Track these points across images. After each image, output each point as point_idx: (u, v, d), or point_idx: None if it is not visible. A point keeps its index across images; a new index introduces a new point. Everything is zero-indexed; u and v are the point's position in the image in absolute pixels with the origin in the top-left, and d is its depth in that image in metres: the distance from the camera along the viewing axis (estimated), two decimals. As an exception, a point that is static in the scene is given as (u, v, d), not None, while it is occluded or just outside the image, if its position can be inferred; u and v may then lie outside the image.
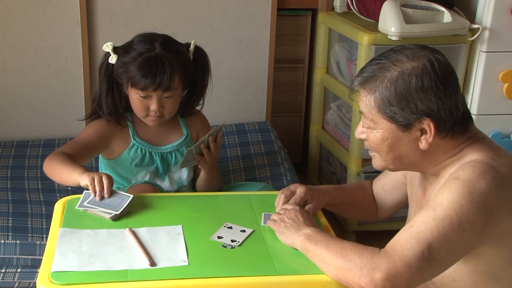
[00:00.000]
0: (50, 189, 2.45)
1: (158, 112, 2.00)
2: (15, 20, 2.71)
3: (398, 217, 2.77)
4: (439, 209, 1.43)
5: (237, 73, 3.00)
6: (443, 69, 1.51)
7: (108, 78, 2.03)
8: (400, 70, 1.50)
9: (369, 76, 1.54)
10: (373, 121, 1.55)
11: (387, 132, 1.54)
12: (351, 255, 1.44)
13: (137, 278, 1.47)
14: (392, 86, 1.49)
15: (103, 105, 2.05)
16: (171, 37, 2.06)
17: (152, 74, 1.94)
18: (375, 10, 2.65)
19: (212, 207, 1.84)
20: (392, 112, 1.51)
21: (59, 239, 1.60)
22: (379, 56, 1.57)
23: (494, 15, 2.57)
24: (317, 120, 3.12)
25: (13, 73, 2.77)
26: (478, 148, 1.54)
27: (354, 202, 1.90)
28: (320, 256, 1.50)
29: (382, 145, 1.56)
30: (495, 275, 1.54)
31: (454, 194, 1.44)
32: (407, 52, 1.53)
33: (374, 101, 1.52)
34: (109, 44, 2.01)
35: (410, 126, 1.51)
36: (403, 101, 1.49)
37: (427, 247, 1.40)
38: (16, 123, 2.84)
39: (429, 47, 1.56)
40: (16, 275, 2.06)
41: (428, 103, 1.49)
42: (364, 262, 1.42)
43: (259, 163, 2.69)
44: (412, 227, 1.45)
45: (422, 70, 1.49)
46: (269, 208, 1.82)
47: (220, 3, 2.88)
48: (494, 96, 2.67)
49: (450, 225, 1.42)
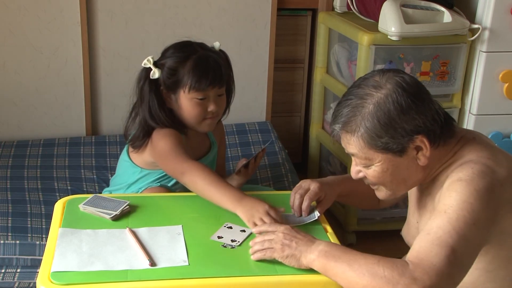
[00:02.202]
0: (50, 189, 2.45)
1: (215, 112, 1.99)
2: (15, 20, 2.71)
3: (399, 217, 2.79)
4: (451, 211, 1.43)
5: (237, 73, 2.99)
6: (412, 85, 1.51)
7: (155, 93, 1.98)
8: (374, 102, 1.49)
9: (347, 119, 1.52)
10: (368, 158, 1.54)
11: (386, 163, 1.53)
12: (380, 272, 1.37)
13: (137, 278, 1.47)
14: (374, 120, 1.49)
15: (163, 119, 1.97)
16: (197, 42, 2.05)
17: (207, 72, 1.94)
18: (375, 10, 2.65)
19: (212, 207, 1.83)
20: (384, 143, 1.50)
21: (59, 239, 1.60)
22: (346, 96, 1.55)
23: (494, 15, 2.57)
24: (317, 120, 3.13)
25: (13, 73, 2.77)
26: (471, 149, 1.55)
27: (359, 192, 1.89)
28: (344, 276, 1.41)
29: (385, 176, 1.56)
30: (494, 274, 1.54)
31: (462, 194, 1.44)
32: (370, 82, 1.52)
33: (363, 139, 1.51)
34: (150, 58, 1.97)
35: (405, 149, 1.51)
36: (390, 129, 1.49)
37: (451, 251, 1.38)
38: (16, 123, 2.84)
39: (387, 70, 1.56)
40: (16, 275, 2.06)
41: (414, 121, 1.49)
42: (397, 278, 1.35)
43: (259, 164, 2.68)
44: (429, 234, 1.42)
45: (395, 94, 1.48)
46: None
47: (220, 3, 2.88)
48: (494, 96, 2.67)
49: (466, 225, 1.41)
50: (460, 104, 2.72)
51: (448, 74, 2.66)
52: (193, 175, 1.83)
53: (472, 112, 2.70)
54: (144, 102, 1.99)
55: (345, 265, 1.42)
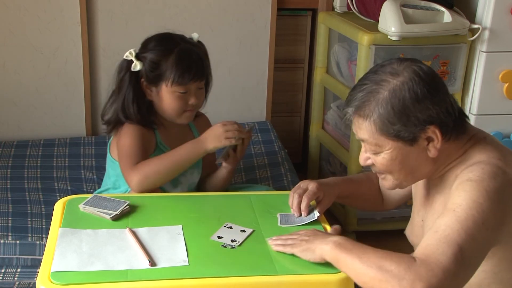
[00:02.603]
0: (50, 189, 2.45)
1: (195, 105, 2.03)
2: (15, 20, 2.71)
3: (399, 217, 2.79)
4: (460, 210, 1.42)
5: (237, 73, 3.00)
6: (429, 75, 1.50)
7: (134, 86, 2.02)
8: (390, 88, 1.49)
9: (361, 102, 1.52)
10: (378, 144, 1.53)
11: (395, 151, 1.53)
12: (387, 265, 1.38)
13: (137, 278, 1.47)
14: (388, 106, 1.48)
15: (132, 114, 2.02)
16: (176, 33, 2.07)
17: (190, 67, 1.97)
18: (375, 10, 2.65)
19: (212, 207, 1.84)
20: (396, 131, 1.49)
21: (59, 239, 1.60)
22: (361, 81, 1.55)
23: (494, 15, 2.57)
24: (317, 120, 3.13)
25: (13, 73, 2.77)
26: (482, 149, 1.54)
27: (361, 194, 1.89)
28: (353, 267, 1.43)
29: (393, 164, 1.55)
30: (500, 276, 1.53)
31: (472, 194, 1.43)
32: (387, 69, 1.52)
33: (375, 125, 1.51)
34: (132, 51, 2.00)
35: (417, 138, 1.50)
36: (404, 116, 1.48)
37: (458, 249, 1.37)
38: (16, 123, 2.84)
39: (405, 59, 1.56)
40: (16, 275, 2.06)
41: (428, 111, 1.48)
42: (403, 272, 1.36)
43: (259, 163, 2.69)
44: (437, 232, 1.42)
45: (411, 83, 1.48)
46: (269, 208, 1.82)
47: (220, 3, 2.88)
48: (494, 96, 2.67)
49: (474, 224, 1.40)
50: (460, 104, 2.71)
51: (448, 74, 2.66)
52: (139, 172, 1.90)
53: (472, 112, 2.70)
54: (121, 93, 2.03)
55: (355, 257, 1.44)
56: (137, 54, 2.01)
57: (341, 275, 1.51)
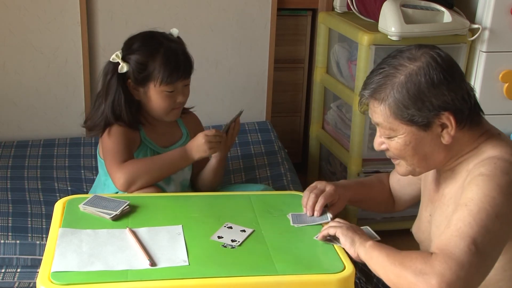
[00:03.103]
0: (50, 189, 2.45)
1: (183, 102, 2.05)
2: (15, 20, 2.71)
3: (398, 217, 2.78)
4: (472, 204, 1.42)
5: (237, 73, 3.00)
6: (446, 61, 1.51)
7: (122, 88, 2.02)
8: (406, 73, 1.50)
9: (377, 86, 1.53)
10: (392, 129, 1.54)
11: (409, 136, 1.53)
12: (407, 262, 1.41)
13: (137, 278, 1.47)
14: (403, 90, 1.49)
15: (124, 115, 2.03)
16: (158, 31, 2.08)
17: (178, 66, 1.98)
18: (375, 10, 2.65)
19: (212, 207, 1.84)
20: (410, 115, 1.50)
21: (59, 239, 1.60)
22: (379, 65, 1.56)
23: (494, 15, 2.57)
24: (317, 120, 3.13)
25: (13, 73, 2.77)
26: (495, 144, 1.54)
27: (373, 197, 1.90)
28: (382, 264, 1.47)
29: (406, 149, 1.55)
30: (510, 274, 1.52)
31: (484, 188, 1.43)
32: (406, 54, 1.53)
33: (389, 109, 1.51)
34: (118, 53, 2.01)
35: (431, 124, 1.51)
36: (418, 101, 1.49)
37: (471, 241, 1.38)
38: (16, 123, 2.84)
39: (424, 45, 1.56)
40: (16, 275, 2.06)
41: (443, 97, 1.48)
42: (419, 268, 1.38)
43: (259, 163, 2.69)
44: (449, 228, 1.42)
45: (428, 68, 1.49)
46: (269, 208, 1.82)
47: (220, 3, 2.88)
48: (494, 96, 2.67)
49: (488, 217, 1.40)
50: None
51: (448, 74, 2.66)
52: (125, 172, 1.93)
53: (472, 112, 2.70)
54: (109, 96, 2.03)
55: (384, 255, 1.48)
56: (123, 55, 2.02)
57: (341, 275, 1.51)
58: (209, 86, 2.95)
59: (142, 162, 1.98)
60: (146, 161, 1.99)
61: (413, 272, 1.38)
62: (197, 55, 2.13)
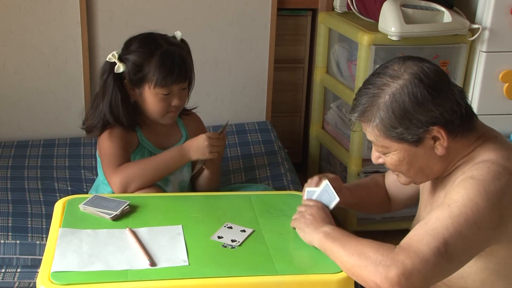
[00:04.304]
0: (50, 189, 2.45)
1: (178, 106, 2.04)
2: (15, 20, 2.71)
3: (399, 217, 2.79)
4: (455, 206, 1.43)
5: (237, 73, 3.00)
6: (430, 76, 1.50)
7: (119, 88, 2.02)
8: (390, 92, 1.49)
9: (364, 108, 1.53)
10: (384, 146, 1.55)
11: (402, 152, 1.54)
12: (366, 253, 1.44)
13: (137, 278, 1.47)
14: (389, 110, 1.49)
15: (121, 115, 2.03)
16: (159, 33, 2.07)
17: (173, 69, 1.97)
18: (375, 10, 2.65)
19: (212, 207, 1.84)
20: (399, 134, 1.50)
21: (59, 239, 1.60)
22: (365, 85, 1.56)
23: (494, 15, 2.57)
24: (317, 120, 3.13)
25: (13, 73, 2.77)
26: (491, 147, 1.54)
27: (370, 199, 1.91)
28: (337, 255, 1.50)
29: (401, 164, 1.56)
30: (504, 274, 1.53)
31: (470, 192, 1.44)
32: (388, 72, 1.52)
33: (378, 129, 1.52)
34: (115, 53, 2.01)
35: (421, 139, 1.51)
36: (405, 120, 1.49)
37: (443, 243, 1.39)
38: (16, 123, 2.84)
39: (408, 57, 1.55)
40: (16, 275, 2.06)
41: (430, 113, 1.48)
42: (380, 259, 1.41)
43: (259, 163, 2.69)
44: (427, 224, 1.44)
45: (411, 86, 1.48)
46: (269, 208, 1.82)
47: (220, 3, 2.88)
48: (494, 96, 2.67)
49: (466, 222, 1.41)
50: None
51: (448, 74, 2.65)
52: (121, 175, 1.93)
53: (472, 112, 2.70)
54: (106, 96, 2.03)
55: (339, 246, 1.51)
56: (120, 55, 2.01)
57: (341, 275, 1.51)
58: (209, 86, 2.95)
59: (137, 164, 1.98)
60: (141, 163, 1.98)
61: (373, 263, 1.41)
62: (197, 55, 2.13)
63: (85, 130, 2.13)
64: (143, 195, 1.90)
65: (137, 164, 1.97)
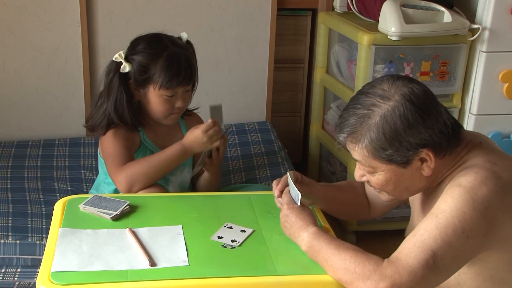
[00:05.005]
0: (50, 189, 2.45)
1: (181, 108, 2.04)
2: (15, 20, 2.71)
3: (399, 217, 2.79)
4: (442, 217, 1.43)
5: (237, 73, 3.00)
6: (420, 98, 1.49)
7: (124, 88, 2.03)
8: (380, 113, 1.48)
9: (352, 129, 1.52)
10: (371, 166, 1.54)
11: (389, 173, 1.53)
12: (352, 267, 1.44)
13: (137, 278, 1.47)
14: (379, 132, 1.48)
15: (126, 115, 2.03)
16: (166, 34, 2.07)
17: (178, 72, 1.97)
18: (375, 10, 2.65)
19: (212, 207, 1.84)
20: (388, 155, 1.50)
21: (59, 239, 1.60)
22: (352, 104, 1.54)
23: (494, 15, 2.57)
24: (317, 120, 3.12)
25: (13, 73, 2.77)
26: (478, 153, 1.53)
27: (345, 201, 1.89)
28: (324, 268, 1.51)
29: (387, 184, 1.56)
30: (499, 278, 1.53)
31: (457, 202, 1.43)
32: (378, 92, 1.50)
33: (367, 150, 1.51)
34: (121, 53, 2.01)
35: (410, 161, 1.50)
36: (396, 142, 1.48)
37: (431, 255, 1.40)
38: (16, 123, 2.84)
39: (397, 77, 1.53)
40: (16, 275, 2.06)
41: (420, 135, 1.48)
42: (367, 273, 1.41)
43: (259, 163, 2.69)
44: (415, 236, 1.44)
45: (402, 108, 1.47)
46: (269, 208, 1.82)
47: (220, 3, 2.88)
48: (494, 96, 2.67)
49: (454, 232, 1.41)
50: (460, 104, 2.72)
51: (448, 74, 2.66)
52: (126, 173, 1.94)
53: (472, 112, 2.70)
54: (111, 95, 2.03)
55: (323, 260, 1.51)
56: (126, 55, 2.02)
57: (341, 275, 1.51)
58: (209, 86, 2.95)
59: (141, 162, 1.98)
60: (145, 161, 1.99)
61: (360, 277, 1.42)
62: (197, 55, 2.13)
63: (88, 129, 2.13)
64: (143, 195, 1.90)
65: (141, 162, 1.97)
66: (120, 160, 1.98)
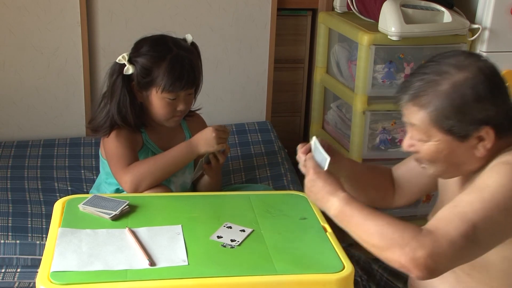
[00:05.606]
0: (50, 189, 2.45)
1: (184, 111, 2.04)
2: (15, 20, 2.71)
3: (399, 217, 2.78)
4: (486, 191, 1.41)
5: (237, 73, 3.00)
6: (494, 75, 1.47)
7: (127, 89, 2.02)
8: (452, 82, 1.45)
9: (418, 91, 1.48)
10: (427, 134, 1.50)
11: (443, 144, 1.50)
12: (390, 233, 1.38)
13: (137, 278, 1.47)
14: (447, 100, 1.45)
15: (129, 117, 2.03)
16: (171, 36, 2.07)
17: (181, 76, 1.97)
18: (375, 10, 2.65)
19: (212, 207, 1.84)
20: (450, 125, 1.46)
21: (59, 239, 1.60)
22: (421, 69, 1.51)
23: (494, 15, 2.57)
24: (317, 120, 3.12)
25: (13, 73, 2.77)
26: None
27: (371, 183, 1.84)
28: (356, 234, 1.45)
29: (438, 156, 1.52)
30: None
31: (503, 178, 1.41)
32: (451, 61, 1.48)
33: (429, 116, 1.47)
34: (125, 55, 2.01)
35: (468, 136, 1.47)
36: (460, 113, 1.45)
37: (472, 227, 1.37)
38: (16, 123, 2.84)
39: (471, 54, 1.52)
40: (16, 275, 2.06)
41: (486, 112, 1.45)
42: (406, 240, 1.36)
43: (259, 163, 2.69)
44: (456, 207, 1.41)
45: (475, 80, 1.44)
46: (269, 208, 1.82)
47: (220, 3, 2.88)
48: (494, 96, 2.66)
49: (497, 207, 1.39)
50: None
51: (448, 74, 2.66)
52: (132, 174, 1.94)
53: (472, 112, 2.70)
54: (115, 97, 2.03)
55: (355, 226, 1.45)
56: (130, 57, 2.01)
57: (341, 274, 1.51)
58: (209, 86, 2.95)
59: (146, 162, 1.98)
60: (150, 161, 1.99)
61: (398, 244, 1.36)
62: (196, 55, 2.13)
63: (91, 129, 2.13)
64: (143, 195, 1.91)
65: (146, 162, 1.98)
66: (125, 161, 1.98)
